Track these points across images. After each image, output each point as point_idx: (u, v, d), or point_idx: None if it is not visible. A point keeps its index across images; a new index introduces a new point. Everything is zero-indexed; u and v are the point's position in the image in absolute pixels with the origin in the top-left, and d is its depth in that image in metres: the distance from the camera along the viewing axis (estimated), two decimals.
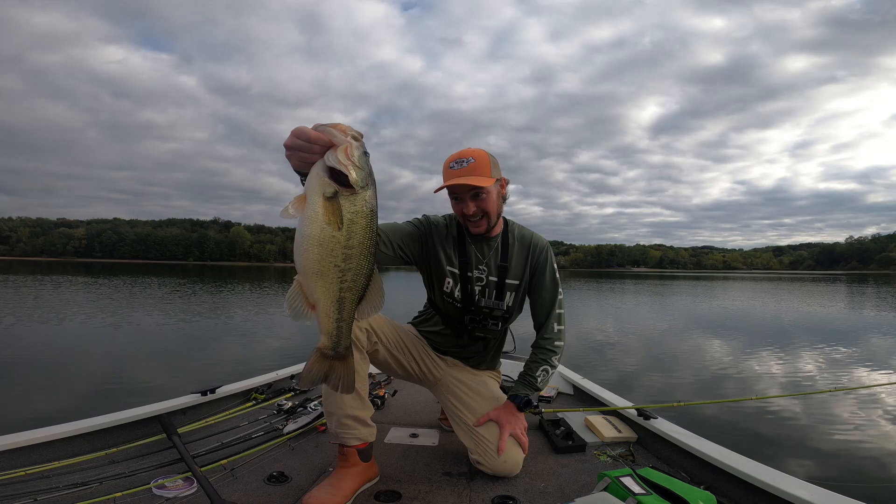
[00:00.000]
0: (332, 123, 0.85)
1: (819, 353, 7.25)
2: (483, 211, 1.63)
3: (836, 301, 19.69)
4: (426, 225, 1.79)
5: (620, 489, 1.32)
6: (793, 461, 3.22)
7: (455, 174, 1.58)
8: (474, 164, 1.57)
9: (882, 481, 2.91)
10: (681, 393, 4.94)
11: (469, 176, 1.56)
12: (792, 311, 15.13)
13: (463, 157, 1.59)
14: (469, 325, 1.77)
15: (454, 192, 1.62)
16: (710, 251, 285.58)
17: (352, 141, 0.79)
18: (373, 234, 0.85)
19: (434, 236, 1.77)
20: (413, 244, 1.75)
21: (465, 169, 1.57)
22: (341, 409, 1.50)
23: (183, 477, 1.59)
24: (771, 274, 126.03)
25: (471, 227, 1.67)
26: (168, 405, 2.07)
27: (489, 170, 1.60)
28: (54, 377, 5.03)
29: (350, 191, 0.77)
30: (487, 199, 1.61)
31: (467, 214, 1.63)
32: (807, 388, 5.28)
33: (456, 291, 1.76)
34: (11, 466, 1.58)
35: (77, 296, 15.48)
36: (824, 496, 1.25)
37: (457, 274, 1.76)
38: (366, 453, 1.56)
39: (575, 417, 2.18)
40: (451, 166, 1.60)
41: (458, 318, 1.80)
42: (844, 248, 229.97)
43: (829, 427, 3.88)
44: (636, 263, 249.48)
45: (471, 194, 1.60)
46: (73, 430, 1.76)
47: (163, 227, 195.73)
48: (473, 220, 1.65)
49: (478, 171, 1.57)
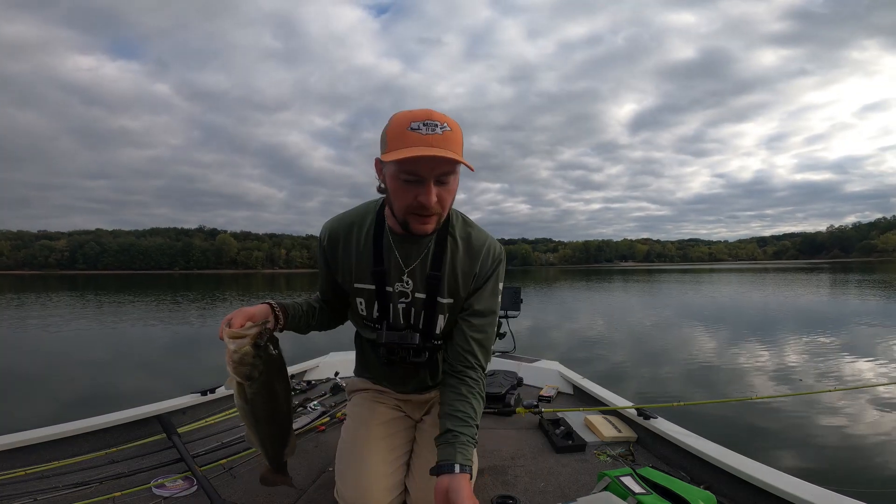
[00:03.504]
0: (232, 318, 1.04)
1: (815, 349, 7.31)
2: (442, 207, 1.11)
3: (823, 292, 20.04)
4: (324, 245, 1.32)
5: (621, 489, 1.32)
6: (793, 461, 3.26)
7: (424, 141, 1.00)
8: (451, 135, 1.03)
9: (881, 480, 2.96)
10: (677, 391, 4.99)
11: (443, 151, 1.01)
12: (782, 303, 15.36)
13: (434, 119, 1.02)
14: (385, 358, 1.35)
15: (414, 171, 1.04)
16: (696, 244, 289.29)
17: (228, 346, 0.95)
18: (274, 401, 1.03)
19: (338, 249, 1.30)
20: (335, 282, 1.35)
21: (439, 137, 1.01)
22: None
23: (183, 477, 1.58)
24: (756, 265, 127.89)
25: (415, 224, 1.11)
26: (168, 405, 2.06)
27: (461, 146, 1.07)
28: (53, 378, 4.96)
29: (246, 381, 0.96)
30: (452, 187, 1.11)
31: (424, 205, 1.06)
32: (804, 385, 5.35)
33: (374, 312, 1.31)
34: (11, 466, 1.57)
35: (67, 309, 15.22)
36: (824, 496, 1.26)
37: (370, 291, 1.28)
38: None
39: (575, 417, 2.19)
40: (417, 128, 1.01)
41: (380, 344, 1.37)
42: (826, 237, 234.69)
43: (829, 426, 3.92)
44: (624, 258, 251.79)
45: (436, 176, 1.05)
46: (73, 430, 1.75)
47: (146, 237, 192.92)
48: (424, 216, 1.10)
49: (454, 146, 1.04)
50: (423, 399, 1.49)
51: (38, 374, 5.55)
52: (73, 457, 1.68)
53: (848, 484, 2.82)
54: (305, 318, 1.32)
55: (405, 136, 1.01)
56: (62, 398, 4.45)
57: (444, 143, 1.02)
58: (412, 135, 1.01)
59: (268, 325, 0.99)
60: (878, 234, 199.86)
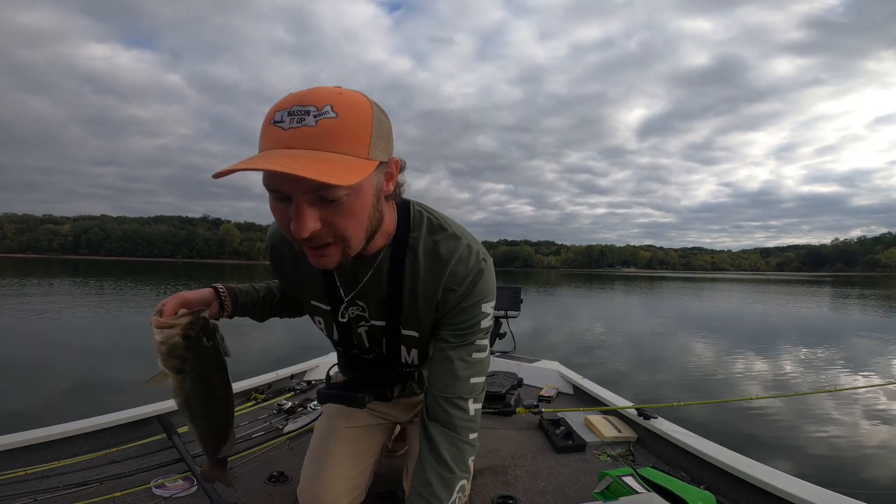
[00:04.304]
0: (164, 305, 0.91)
1: (813, 360, 7.33)
2: (337, 234, 0.74)
3: (824, 305, 19.99)
4: (268, 254, 1.12)
5: (622, 488, 1.33)
6: (792, 461, 3.26)
7: (282, 140, 0.67)
8: (330, 126, 0.67)
9: (881, 481, 2.96)
10: (675, 396, 4.99)
11: (304, 155, 0.65)
12: (782, 315, 15.33)
13: (307, 102, 0.67)
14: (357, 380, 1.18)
15: (271, 186, 0.71)
16: (698, 252, 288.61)
17: (155, 337, 0.85)
18: (209, 397, 0.92)
19: (285, 262, 1.08)
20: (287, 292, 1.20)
21: (305, 132, 0.66)
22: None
23: (183, 477, 1.58)
24: (758, 276, 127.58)
25: (311, 258, 0.79)
26: (168, 405, 2.05)
27: (360, 140, 0.70)
28: (52, 377, 4.97)
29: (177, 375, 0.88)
30: (350, 205, 0.72)
31: (299, 237, 0.71)
32: (803, 388, 5.35)
33: (334, 334, 1.12)
34: (11, 466, 1.57)
35: (69, 296, 15.27)
36: (824, 495, 1.27)
37: (327, 312, 1.06)
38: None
39: (575, 417, 2.20)
40: (280, 120, 0.68)
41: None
42: (830, 250, 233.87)
43: (829, 427, 3.93)
44: (626, 264, 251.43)
45: (308, 191, 0.69)
46: (73, 430, 1.75)
47: (151, 224, 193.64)
48: (314, 247, 0.76)
49: (330, 141, 0.67)
50: (411, 402, 1.35)
51: (35, 362, 5.56)
52: (73, 457, 1.68)
53: (847, 484, 2.84)
54: (262, 304, 1.17)
55: (265, 134, 0.69)
56: (59, 388, 4.46)
57: (312, 140, 0.65)
58: (271, 132, 0.67)
59: (204, 314, 0.86)
60: (883, 248, 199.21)
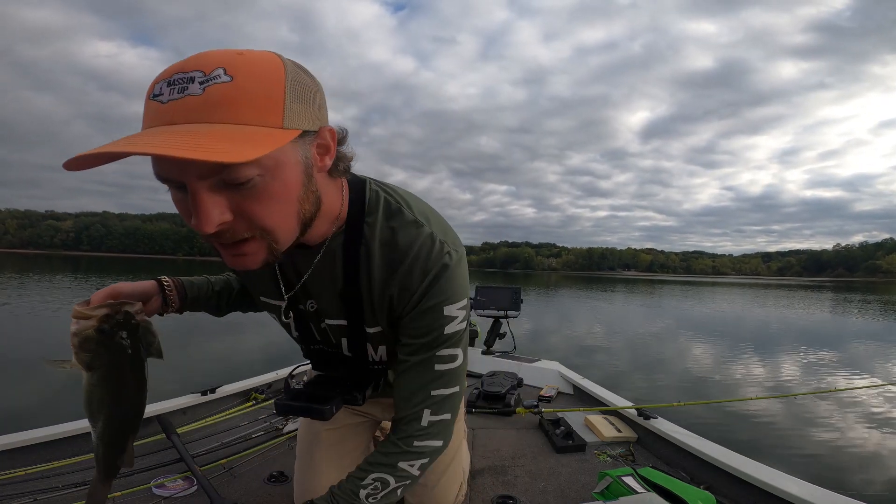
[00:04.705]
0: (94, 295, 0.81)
1: (813, 365, 7.33)
2: (256, 226, 0.60)
3: (824, 309, 19.97)
4: None
5: (622, 488, 1.33)
6: (792, 461, 3.27)
7: (160, 115, 0.52)
8: (223, 91, 0.51)
9: (880, 481, 2.96)
10: (674, 394, 4.99)
11: (184, 130, 0.50)
12: (780, 319, 15.33)
13: (190, 68, 0.52)
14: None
15: (158, 174, 0.56)
16: (700, 256, 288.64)
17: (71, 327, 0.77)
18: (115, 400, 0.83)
19: None
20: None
21: (187, 103, 0.51)
22: None
23: (182, 476, 1.58)
24: (759, 280, 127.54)
25: (226, 257, 0.66)
26: (167, 405, 2.06)
27: (268, 106, 0.54)
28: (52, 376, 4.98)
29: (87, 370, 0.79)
30: (266, 188, 0.57)
31: (203, 232, 0.56)
32: (804, 390, 5.36)
33: (292, 331, 1.00)
34: (11, 466, 1.57)
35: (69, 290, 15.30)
36: (824, 495, 1.27)
37: (279, 307, 0.94)
38: None
39: (575, 417, 2.20)
40: (159, 94, 0.52)
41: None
42: (832, 256, 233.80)
43: (829, 428, 3.93)
44: (627, 267, 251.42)
45: (203, 176, 0.54)
46: (73, 430, 1.75)
47: (152, 221, 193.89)
48: (226, 244, 0.62)
49: (224, 110, 0.51)
50: (389, 402, 1.18)
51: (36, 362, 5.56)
52: (73, 457, 1.67)
53: (847, 484, 2.84)
54: (217, 297, 1.07)
55: (144, 113, 0.55)
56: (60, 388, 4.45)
57: (198, 113, 0.51)
58: (149, 108, 0.54)
59: (129, 308, 0.76)
60: (884, 254, 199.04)
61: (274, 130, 0.55)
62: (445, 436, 0.90)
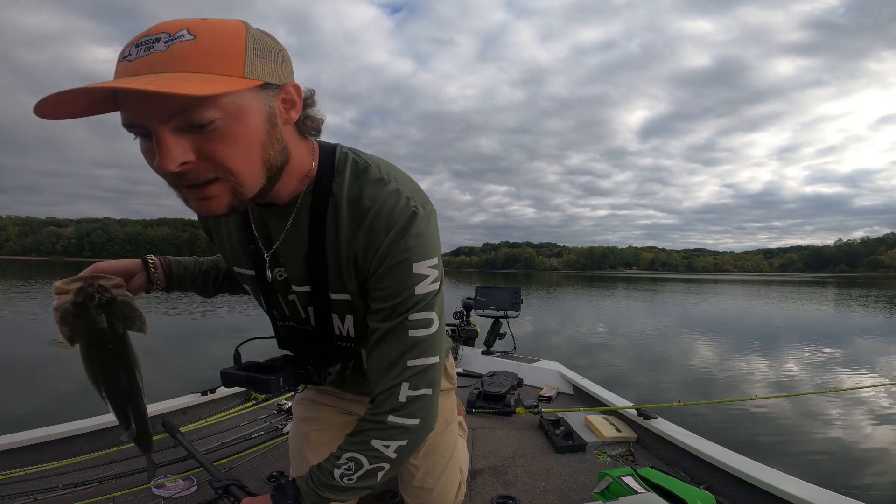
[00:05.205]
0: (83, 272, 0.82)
1: (811, 357, 7.34)
2: (219, 166, 0.62)
3: (827, 306, 19.94)
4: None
5: (622, 488, 1.33)
6: (792, 461, 3.26)
7: (124, 71, 0.57)
8: (185, 48, 0.56)
9: (881, 481, 2.95)
10: (676, 394, 4.99)
11: (151, 74, 0.55)
12: (783, 315, 15.31)
13: (158, 30, 0.58)
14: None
15: (125, 122, 0.60)
16: (701, 253, 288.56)
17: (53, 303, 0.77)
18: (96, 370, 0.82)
19: (218, 221, 0.97)
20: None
21: (147, 60, 0.56)
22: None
23: (183, 477, 1.58)
24: (761, 277, 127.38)
25: (192, 203, 0.67)
26: (168, 405, 2.07)
27: (228, 58, 0.59)
28: (52, 377, 4.99)
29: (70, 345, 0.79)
30: (228, 130, 0.60)
31: (166, 170, 0.60)
32: (803, 389, 5.35)
33: (263, 304, 0.99)
34: (11, 466, 1.57)
35: None
36: (824, 496, 1.27)
37: (251, 277, 0.93)
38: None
39: (575, 417, 2.19)
40: (127, 55, 0.57)
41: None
42: (833, 251, 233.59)
43: (829, 428, 3.92)
44: (628, 265, 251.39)
45: (165, 119, 0.57)
46: (73, 430, 1.75)
47: (153, 227, 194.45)
48: (189, 186, 0.64)
49: (186, 62, 0.56)
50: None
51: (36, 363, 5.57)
52: (73, 457, 1.68)
53: (847, 484, 2.83)
54: (204, 277, 1.08)
55: (115, 71, 0.58)
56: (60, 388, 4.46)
57: (161, 65, 0.55)
58: (118, 69, 0.57)
59: (105, 282, 0.76)
60: (886, 249, 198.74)
61: (233, 78, 0.59)
62: (425, 415, 0.85)
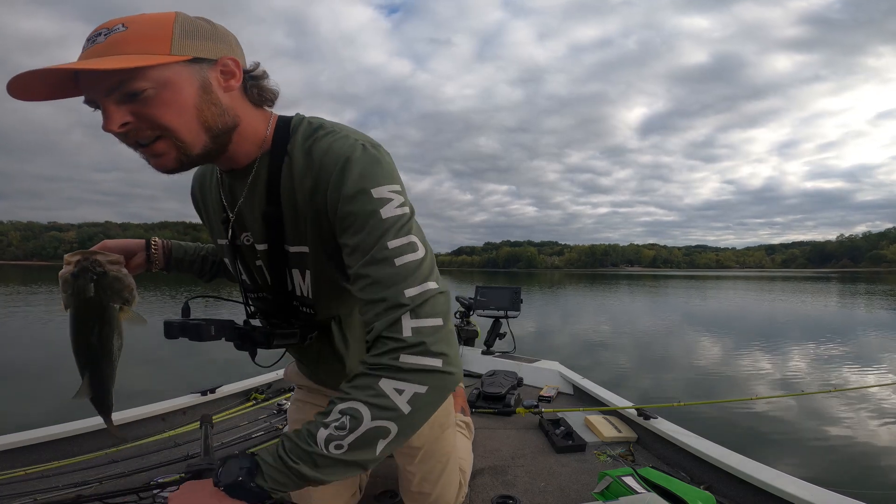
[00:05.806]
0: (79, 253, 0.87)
1: (815, 353, 7.32)
2: (155, 125, 0.71)
3: (830, 301, 19.90)
4: (192, 193, 1.08)
5: (622, 488, 1.32)
6: (792, 461, 3.25)
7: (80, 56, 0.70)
8: (117, 38, 0.68)
9: (881, 481, 2.94)
10: (679, 396, 4.98)
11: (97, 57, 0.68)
12: (786, 311, 15.28)
13: (101, 27, 0.70)
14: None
15: (84, 97, 0.73)
16: (703, 250, 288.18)
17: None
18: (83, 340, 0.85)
19: (201, 197, 1.04)
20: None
21: (90, 50, 0.69)
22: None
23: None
24: (763, 273, 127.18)
25: (150, 162, 0.76)
26: (168, 405, 2.07)
27: (155, 41, 0.70)
28: (53, 378, 5.00)
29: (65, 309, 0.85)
30: (159, 97, 0.70)
31: (109, 130, 0.71)
32: (804, 388, 5.33)
33: (240, 274, 0.99)
34: (11, 466, 1.58)
35: None
36: (824, 496, 1.26)
37: (228, 247, 0.96)
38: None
39: (575, 417, 2.19)
40: (84, 48, 0.70)
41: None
42: (835, 247, 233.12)
43: (830, 428, 3.91)
44: (630, 263, 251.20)
45: (106, 92, 0.69)
46: (73, 430, 1.76)
47: (155, 230, 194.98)
48: (144, 148, 0.74)
49: (118, 48, 0.68)
50: None
51: (36, 364, 5.59)
52: (73, 457, 1.69)
53: (848, 484, 2.82)
54: (202, 261, 1.14)
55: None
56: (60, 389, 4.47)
57: (100, 52, 0.67)
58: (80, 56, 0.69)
59: (100, 257, 0.82)
60: (888, 244, 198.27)
61: (158, 56, 0.69)
62: (445, 348, 0.71)
